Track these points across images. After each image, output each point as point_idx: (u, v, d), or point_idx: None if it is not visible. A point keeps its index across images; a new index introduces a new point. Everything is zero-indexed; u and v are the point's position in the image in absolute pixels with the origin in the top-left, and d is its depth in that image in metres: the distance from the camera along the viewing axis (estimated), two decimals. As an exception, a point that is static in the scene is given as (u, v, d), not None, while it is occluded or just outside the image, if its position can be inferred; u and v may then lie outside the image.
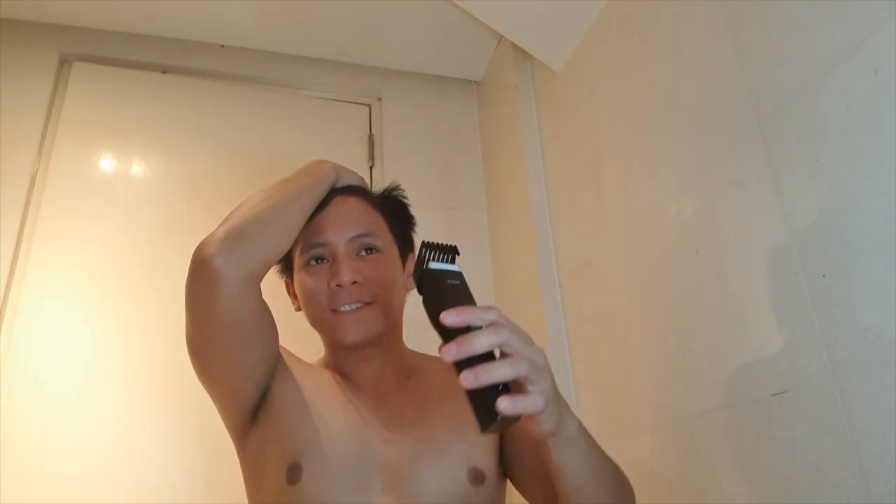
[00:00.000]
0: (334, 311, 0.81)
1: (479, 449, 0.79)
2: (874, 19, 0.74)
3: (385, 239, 0.87)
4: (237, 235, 0.70)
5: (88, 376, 1.34)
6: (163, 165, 1.58)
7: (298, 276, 0.85)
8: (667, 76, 1.13)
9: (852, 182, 0.76)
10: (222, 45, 1.76)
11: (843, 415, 0.75)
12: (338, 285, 0.80)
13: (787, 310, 0.84)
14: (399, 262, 0.89)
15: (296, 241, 0.83)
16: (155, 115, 1.62)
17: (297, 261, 0.85)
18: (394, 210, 0.93)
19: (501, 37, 1.74)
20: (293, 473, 0.73)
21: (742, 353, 0.91)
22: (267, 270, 0.75)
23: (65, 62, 1.61)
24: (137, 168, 1.57)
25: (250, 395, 0.78)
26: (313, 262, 0.84)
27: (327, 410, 0.79)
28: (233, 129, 1.67)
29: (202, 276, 0.69)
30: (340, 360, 0.87)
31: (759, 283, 0.89)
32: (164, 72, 1.70)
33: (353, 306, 0.81)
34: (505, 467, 0.83)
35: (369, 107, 1.87)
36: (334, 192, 0.87)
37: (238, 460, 0.83)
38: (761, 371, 0.88)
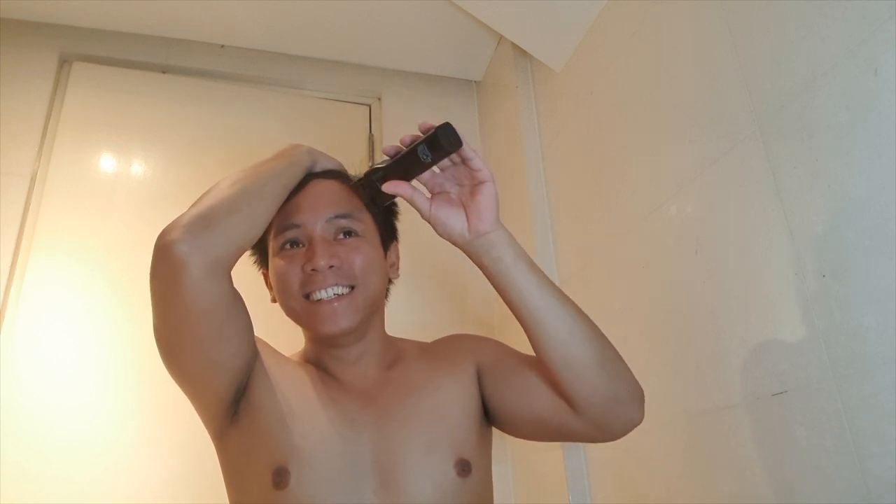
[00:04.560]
0: (307, 297, 0.77)
1: (464, 437, 0.78)
2: (874, 19, 0.74)
3: (366, 223, 0.83)
4: (203, 221, 0.65)
5: (89, 376, 1.35)
6: (163, 165, 1.58)
7: (272, 262, 0.80)
8: (667, 76, 1.13)
9: (852, 182, 0.76)
10: (222, 45, 1.76)
11: (843, 415, 0.75)
12: (313, 269, 0.76)
13: (787, 310, 0.84)
14: (380, 249, 0.84)
15: (269, 226, 0.79)
16: (155, 115, 1.62)
17: (271, 246, 0.81)
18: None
19: (501, 37, 1.74)
20: (280, 478, 0.71)
21: (742, 353, 0.91)
22: (236, 258, 0.70)
23: (65, 62, 1.61)
24: (137, 168, 1.57)
25: (226, 392, 0.74)
26: (288, 247, 0.79)
27: (312, 411, 0.76)
28: (233, 129, 1.67)
29: (165, 264, 0.64)
30: (321, 352, 0.83)
31: (759, 284, 0.89)
32: (164, 72, 1.70)
33: (331, 294, 0.77)
34: (495, 417, 0.82)
35: (369, 107, 1.87)
36: (311, 176, 0.83)
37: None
38: (761, 371, 0.88)
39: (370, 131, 1.83)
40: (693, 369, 1.02)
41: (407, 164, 0.71)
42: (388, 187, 0.72)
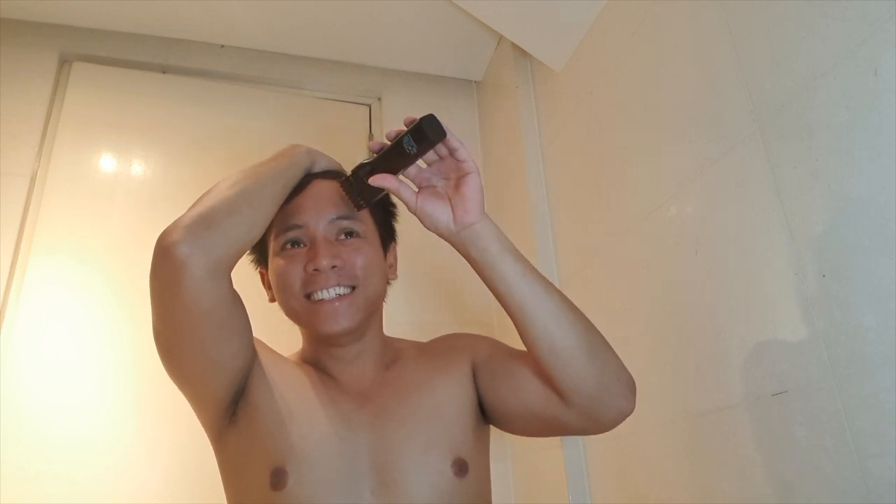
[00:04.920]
0: (308, 296, 0.77)
1: (461, 437, 0.78)
2: (874, 19, 0.74)
3: (366, 224, 0.83)
4: (203, 222, 0.66)
5: (89, 376, 1.35)
6: (162, 166, 1.58)
7: (273, 262, 0.80)
8: (667, 76, 1.13)
9: (852, 182, 0.76)
10: (222, 45, 1.76)
11: (843, 415, 0.75)
12: (315, 269, 0.76)
13: (787, 310, 0.84)
14: (381, 250, 0.85)
15: (270, 226, 0.79)
16: (155, 115, 1.62)
17: (272, 245, 0.81)
18: None
19: (501, 37, 1.74)
20: (277, 479, 0.71)
21: (742, 353, 0.91)
22: (237, 259, 0.70)
23: (65, 62, 1.61)
24: (137, 168, 1.57)
25: (225, 393, 0.74)
26: (289, 246, 0.80)
27: (310, 411, 0.76)
28: (233, 129, 1.67)
29: (166, 265, 0.64)
30: (320, 352, 0.83)
31: (759, 284, 0.89)
32: (164, 72, 1.70)
33: (332, 294, 0.77)
34: (491, 414, 0.82)
35: (369, 107, 1.87)
36: (311, 177, 0.83)
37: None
38: (761, 371, 0.88)
39: (370, 131, 1.83)
40: (693, 369, 1.02)
41: (393, 157, 0.71)
42: (375, 180, 0.72)
